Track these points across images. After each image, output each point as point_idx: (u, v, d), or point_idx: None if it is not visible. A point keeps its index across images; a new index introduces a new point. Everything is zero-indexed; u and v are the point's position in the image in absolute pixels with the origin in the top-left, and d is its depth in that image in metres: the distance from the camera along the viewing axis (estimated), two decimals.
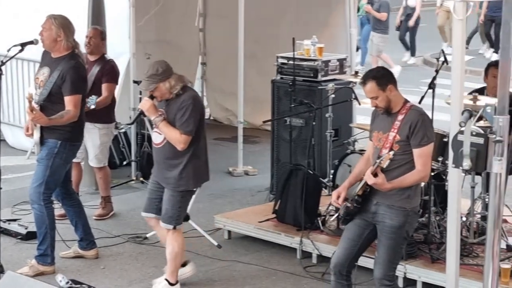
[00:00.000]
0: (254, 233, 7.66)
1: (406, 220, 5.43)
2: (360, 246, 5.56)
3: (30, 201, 6.91)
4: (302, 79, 8.59)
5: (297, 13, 11.16)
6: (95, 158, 8.33)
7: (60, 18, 6.83)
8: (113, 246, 7.55)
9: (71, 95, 6.68)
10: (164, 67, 6.24)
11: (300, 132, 8.58)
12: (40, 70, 6.92)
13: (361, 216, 5.51)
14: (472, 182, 7.02)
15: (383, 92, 5.40)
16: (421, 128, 5.35)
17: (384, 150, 5.40)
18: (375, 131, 5.56)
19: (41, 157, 6.80)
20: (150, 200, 6.53)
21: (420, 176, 5.40)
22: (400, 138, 5.37)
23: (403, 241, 5.56)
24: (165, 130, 6.24)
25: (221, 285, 6.83)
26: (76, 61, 6.80)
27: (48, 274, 6.82)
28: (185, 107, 6.18)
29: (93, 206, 8.49)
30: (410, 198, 5.44)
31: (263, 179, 9.48)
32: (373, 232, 5.53)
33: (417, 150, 5.35)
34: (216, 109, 12.71)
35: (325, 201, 7.74)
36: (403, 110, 5.43)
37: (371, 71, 5.56)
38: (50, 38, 6.75)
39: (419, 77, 15.93)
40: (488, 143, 3.89)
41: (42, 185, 6.77)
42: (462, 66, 5.09)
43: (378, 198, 5.42)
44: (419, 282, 6.58)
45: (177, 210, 6.39)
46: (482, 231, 6.97)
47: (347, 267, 5.58)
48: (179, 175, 6.31)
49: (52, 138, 6.77)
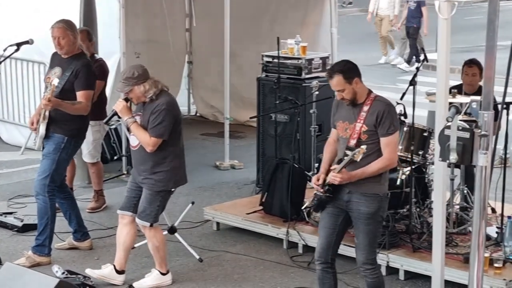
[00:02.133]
0: (242, 224, 7.61)
1: (380, 205, 5.42)
2: (337, 233, 5.53)
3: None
4: (286, 77, 8.54)
5: (277, 12, 11.11)
6: (89, 154, 8.27)
7: (68, 23, 6.88)
8: (106, 237, 7.48)
9: (84, 90, 6.70)
10: (140, 71, 6.17)
11: (285, 127, 8.54)
12: (51, 70, 6.93)
13: (333, 204, 5.47)
14: (451, 175, 7.01)
15: (349, 85, 5.36)
16: (388, 117, 5.32)
17: (352, 140, 5.37)
18: (339, 120, 5.52)
19: (48, 151, 6.77)
20: (128, 198, 6.45)
21: (385, 164, 5.36)
22: (367, 128, 5.34)
23: (379, 224, 5.57)
24: (136, 132, 6.19)
25: (211, 274, 6.79)
26: (87, 59, 6.92)
27: (45, 264, 6.75)
28: (158, 111, 6.12)
29: (86, 199, 8.42)
30: (381, 184, 5.43)
31: (249, 172, 9.44)
32: (347, 218, 5.50)
33: (384, 139, 5.33)
34: (202, 106, 12.65)
35: (310, 193, 7.69)
36: (368, 101, 5.41)
37: (337, 65, 5.51)
38: (69, 44, 6.79)
39: (396, 75, 15.94)
40: (474, 137, 3.86)
41: (48, 177, 6.74)
42: (446, 64, 5.06)
43: (351, 186, 5.38)
44: (401, 271, 6.57)
45: (154, 209, 6.32)
46: (461, 221, 6.97)
47: (331, 255, 5.56)
48: (157, 176, 6.24)
49: (59, 133, 6.75)
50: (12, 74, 10.48)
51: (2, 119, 10.82)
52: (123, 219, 6.47)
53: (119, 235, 6.51)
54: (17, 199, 8.38)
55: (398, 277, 6.58)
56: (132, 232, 6.47)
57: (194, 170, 9.51)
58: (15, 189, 8.54)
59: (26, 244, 7.07)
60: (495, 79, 3.87)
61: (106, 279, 6.48)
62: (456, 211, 7.03)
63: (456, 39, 19.33)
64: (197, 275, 6.75)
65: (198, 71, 12.46)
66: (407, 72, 15.45)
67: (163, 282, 6.50)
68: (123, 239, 6.47)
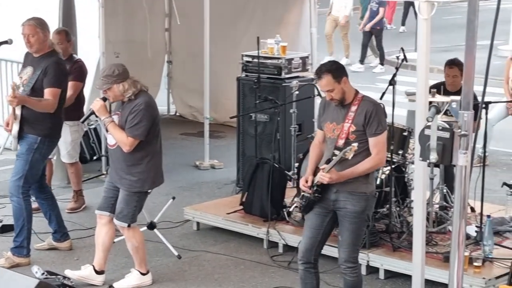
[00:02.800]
0: (223, 224, 7.60)
1: (367, 204, 5.45)
2: (323, 233, 5.54)
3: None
4: (266, 77, 8.53)
5: (256, 12, 11.10)
6: (67, 154, 8.22)
7: (39, 20, 6.80)
8: (86, 238, 7.44)
9: (51, 88, 6.63)
10: (121, 70, 6.15)
11: (265, 127, 8.53)
12: (23, 70, 6.88)
13: (321, 205, 5.48)
14: (431, 174, 7.03)
15: (338, 84, 5.37)
16: (376, 117, 5.34)
17: (340, 140, 5.37)
18: (327, 121, 5.52)
19: (21, 152, 6.72)
20: (106, 198, 6.42)
21: (374, 163, 5.39)
22: (355, 128, 5.36)
23: (365, 223, 5.61)
24: (113, 131, 6.16)
25: (191, 274, 6.77)
26: (58, 57, 6.81)
27: (24, 265, 6.71)
28: (136, 111, 6.10)
29: (65, 199, 8.35)
30: (368, 183, 5.44)
31: (229, 172, 9.42)
32: (333, 218, 5.51)
33: (373, 138, 5.35)
34: (182, 106, 12.61)
35: (290, 193, 7.71)
36: (356, 101, 5.42)
37: (325, 65, 5.49)
38: (39, 42, 6.72)
39: (374, 74, 15.99)
40: (454, 137, 3.87)
41: (21, 179, 6.68)
42: (426, 64, 5.08)
43: (338, 186, 5.39)
44: (381, 270, 6.59)
45: (131, 209, 6.30)
46: (440, 220, 7.00)
47: (314, 255, 5.57)
48: (134, 177, 6.21)
49: (32, 134, 6.68)
50: None
51: None
52: (101, 219, 6.44)
53: (97, 235, 6.48)
54: None
55: (378, 276, 6.60)
56: (111, 232, 6.44)
57: (173, 169, 9.50)
58: None
59: (5, 245, 7.01)
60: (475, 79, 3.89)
61: (86, 279, 6.44)
62: (435, 210, 7.06)
63: (435, 39, 19.43)
64: (178, 275, 6.73)
65: (177, 71, 12.43)
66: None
67: (143, 282, 6.48)
68: (101, 239, 6.44)
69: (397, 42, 19.76)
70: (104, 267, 6.50)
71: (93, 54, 9.52)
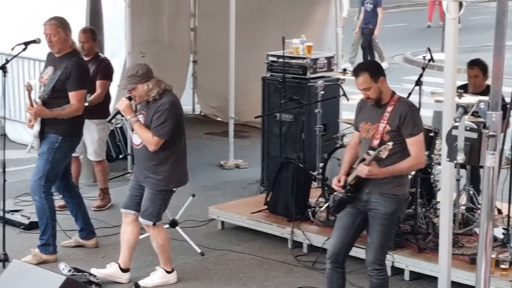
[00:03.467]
0: (247, 223, 7.60)
1: (398, 207, 5.43)
2: (353, 234, 5.53)
3: (31, 193, 6.85)
4: (291, 76, 8.53)
5: (281, 12, 11.10)
6: (94, 152, 8.27)
7: (60, 20, 6.82)
8: (112, 235, 7.48)
9: (75, 91, 6.65)
10: (144, 70, 6.17)
11: (290, 127, 8.53)
12: (44, 70, 6.92)
13: (352, 205, 5.48)
14: (457, 175, 6.99)
15: (375, 83, 5.37)
16: (411, 118, 5.33)
17: (375, 140, 5.37)
18: (362, 122, 5.53)
19: (42, 151, 6.74)
20: (131, 197, 6.45)
21: (414, 162, 5.38)
22: (390, 128, 5.34)
23: (395, 226, 5.57)
24: (138, 131, 6.18)
25: (216, 273, 6.78)
26: (79, 58, 6.83)
27: (51, 262, 6.76)
28: (161, 111, 6.13)
29: (92, 197, 8.41)
30: (401, 186, 5.43)
31: (253, 172, 9.43)
32: (365, 219, 5.50)
33: (410, 139, 5.34)
34: (206, 106, 12.64)
35: (314, 193, 7.70)
36: (392, 101, 5.41)
37: (363, 64, 5.53)
38: (60, 41, 6.73)
39: (401, 74, 15.92)
40: (482, 138, 3.85)
41: (43, 178, 6.71)
42: (454, 64, 5.05)
43: (370, 187, 5.39)
44: (406, 271, 6.56)
45: (157, 208, 6.32)
46: (467, 222, 6.96)
47: (343, 255, 5.56)
48: (159, 176, 6.24)
49: (53, 133, 6.71)
50: (19, 73, 10.49)
51: (9, 117, 10.80)
52: (126, 217, 6.47)
53: (123, 234, 6.51)
54: (23, 197, 8.37)
55: (403, 277, 6.57)
56: (136, 231, 6.47)
57: (198, 169, 9.52)
58: (22, 187, 8.53)
59: (33, 242, 7.07)
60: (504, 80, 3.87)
61: (112, 277, 6.48)
62: (462, 211, 7.01)
63: (462, 39, 19.34)
64: (202, 274, 6.75)
65: (202, 71, 12.46)
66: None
67: (168, 280, 6.51)
68: (127, 237, 6.47)
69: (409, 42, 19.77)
70: (129, 265, 6.54)
71: (120, 53, 9.57)
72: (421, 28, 22.39)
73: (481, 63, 7.45)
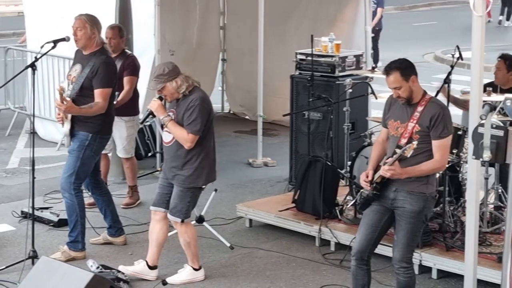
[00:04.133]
0: (274, 221, 7.62)
1: (425, 205, 5.41)
2: (379, 232, 5.52)
3: (61, 190, 6.92)
4: (320, 75, 8.54)
5: (309, 10, 11.09)
6: (123, 149, 8.33)
7: (90, 17, 6.86)
8: (140, 233, 7.53)
9: (101, 88, 6.69)
10: (171, 68, 6.21)
11: (318, 125, 8.53)
12: (72, 67, 6.97)
13: (379, 203, 5.47)
14: (485, 174, 6.95)
15: (406, 82, 5.34)
16: (442, 120, 5.30)
17: (403, 139, 5.35)
18: (391, 119, 5.51)
19: (72, 149, 6.80)
20: (160, 195, 6.48)
21: (436, 166, 5.37)
22: (419, 128, 5.32)
23: (422, 224, 5.55)
24: (173, 129, 6.21)
25: (244, 270, 6.80)
26: (107, 56, 6.85)
27: (79, 259, 6.83)
28: (192, 107, 6.15)
29: (120, 195, 8.47)
30: (428, 184, 5.41)
31: (282, 170, 9.45)
32: (391, 217, 5.49)
33: (437, 141, 5.31)
34: (234, 104, 12.68)
35: (342, 191, 7.70)
36: (423, 101, 5.38)
37: (394, 62, 5.44)
38: (85, 37, 6.77)
39: (431, 73, 15.83)
40: (508, 135, 3.83)
41: (73, 175, 6.77)
42: (481, 62, 5.02)
43: (397, 184, 5.38)
44: (434, 269, 6.54)
45: (185, 205, 6.35)
46: (495, 220, 6.91)
47: (368, 252, 5.55)
48: (188, 173, 6.27)
49: (83, 131, 6.76)
50: (49, 71, 10.59)
51: (39, 115, 10.91)
52: (155, 215, 6.51)
53: (151, 231, 6.55)
54: (53, 194, 8.46)
55: (431, 275, 6.55)
56: (165, 228, 6.51)
57: (227, 167, 9.56)
58: (51, 184, 8.63)
59: (62, 239, 7.15)
60: None
61: (139, 275, 6.53)
62: (490, 210, 6.97)
63: (492, 38, 19.35)
64: (229, 271, 6.77)
65: (231, 69, 12.49)
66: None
67: (195, 277, 6.54)
68: (155, 235, 6.51)
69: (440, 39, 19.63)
70: (157, 262, 6.58)
71: (149, 51, 9.63)
72: (453, 27, 22.22)
73: (508, 57, 7.42)
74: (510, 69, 7.39)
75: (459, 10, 21.97)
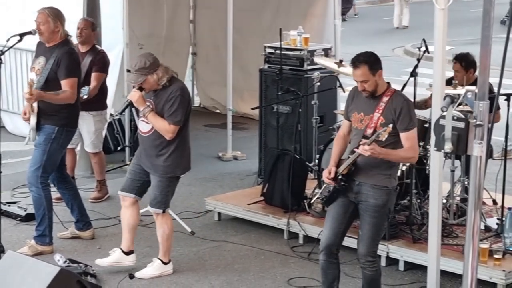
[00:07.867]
0: (243, 214, 7.65)
1: (389, 198, 5.45)
2: (345, 224, 5.55)
3: (27, 184, 6.89)
4: (288, 68, 8.58)
5: (280, 4, 11.12)
6: (91, 144, 8.31)
7: (53, 10, 6.83)
8: (108, 227, 7.53)
9: (67, 78, 6.68)
10: (151, 60, 6.21)
11: (287, 118, 8.58)
12: (35, 60, 6.92)
13: (343, 196, 5.49)
14: (452, 166, 7.04)
15: (373, 76, 5.36)
16: (407, 113, 5.34)
17: (368, 129, 5.36)
18: (354, 112, 5.51)
19: (38, 142, 6.79)
20: (131, 181, 6.48)
21: (412, 154, 5.40)
22: (384, 120, 5.34)
23: (386, 218, 5.62)
24: (153, 120, 6.21)
25: (212, 264, 6.83)
26: (70, 47, 6.83)
27: (47, 253, 6.81)
28: (173, 98, 6.17)
29: (89, 189, 8.47)
30: (391, 178, 5.46)
31: (251, 163, 9.49)
32: (355, 210, 5.52)
33: (405, 133, 5.35)
34: (205, 98, 12.69)
35: (311, 184, 7.75)
36: (388, 92, 5.41)
37: (362, 55, 5.41)
38: (48, 30, 6.75)
39: (400, 66, 15.95)
40: (469, 127, 3.89)
41: (40, 168, 6.75)
42: (443, 55, 5.08)
43: (361, 178, 5.42)
44: (401, 261, 6.61)
45: (165, 195, 6.39)
46: (461, 212, 7.00)
47: (336, 246, 5.57)
48: (166, 162, 6.29)
49: (49, 124, 6.75)
50: (17, 64, 10.53)
51: (7, 109, 10.88)
52: (124, 201, 6.52)
53: (122, 217, 6.57)
54: (20, 188, 8.41)
55: (398, 267, 6.62)
56: (135, 213, 6.54)
57: (197, 160, 9.47)
58: (19, 178, 8.58)
59: (29, 233, 7.12)
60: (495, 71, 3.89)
61: (118, 263, 6.52)
62: (456, 202, 7.05)
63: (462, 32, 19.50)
64: (198, 265, 6.80)
65: (201, 63, 12.50)
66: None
67: (164, 271, 6.56)
68: (126, 221, 6.53)
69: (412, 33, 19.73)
70: (132, 247, 6.58)
71: (117, 46, 9.60)
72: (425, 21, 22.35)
73: (463, 58, 7.41)
74: (467, 68, 7.41)
75: (431, 4, 22.06)
